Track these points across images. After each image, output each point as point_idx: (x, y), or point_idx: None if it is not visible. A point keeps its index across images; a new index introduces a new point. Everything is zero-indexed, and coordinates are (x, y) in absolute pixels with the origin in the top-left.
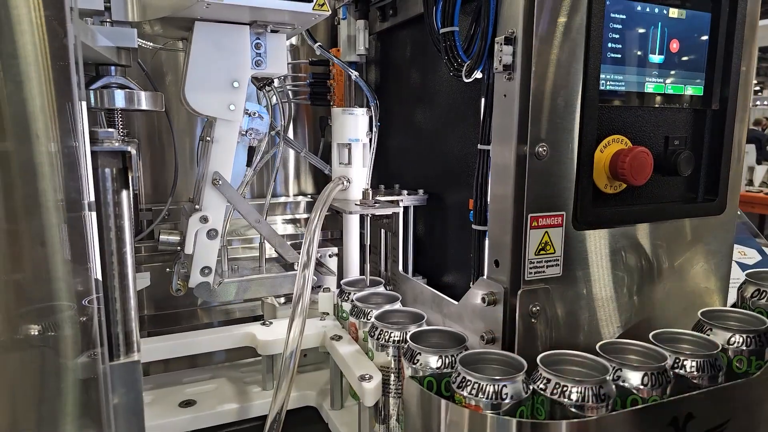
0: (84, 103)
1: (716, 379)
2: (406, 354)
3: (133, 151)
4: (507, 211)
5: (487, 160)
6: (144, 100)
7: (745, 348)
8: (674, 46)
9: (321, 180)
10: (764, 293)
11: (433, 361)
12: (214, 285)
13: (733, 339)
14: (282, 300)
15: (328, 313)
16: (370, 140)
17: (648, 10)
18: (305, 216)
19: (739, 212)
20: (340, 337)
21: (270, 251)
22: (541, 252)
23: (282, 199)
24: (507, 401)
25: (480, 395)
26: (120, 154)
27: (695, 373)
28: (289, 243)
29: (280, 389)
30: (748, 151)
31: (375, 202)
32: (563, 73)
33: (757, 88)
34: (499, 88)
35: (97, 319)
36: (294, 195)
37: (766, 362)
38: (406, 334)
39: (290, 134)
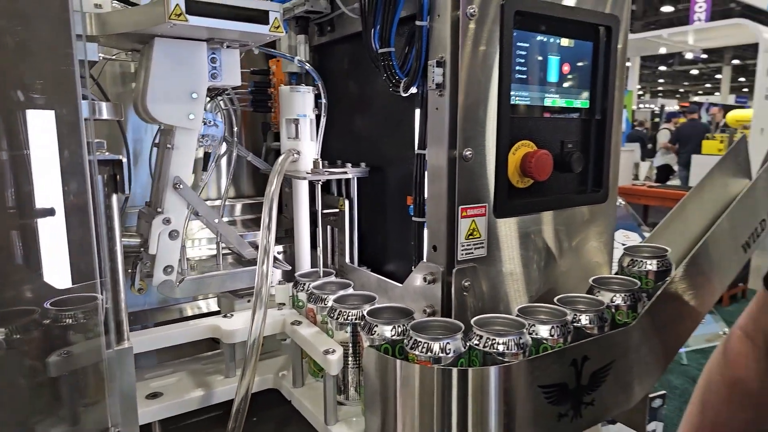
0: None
1: (603, 329)
2: (364, 328)
3: (124, 159)
4: (442, 204)
5: (423, 163)
6: (105, 110)
7: (623, 304)
8: (566, 68)
9: (259, 182)
10: (636, 262)
11: (388, 331)
12: (177, 282)
13: (614, 298)
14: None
15: (284, 304)
16: (317, 116)
17: (545, 40)
18: (242, 217)
19: (622, 203)
20: (300, 323)
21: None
22: (470, 237)
23: (218, 202)
24: (450, 355)
25: (428, 352)
26: (111, 162)
27: (588, 324)
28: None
29: (245, 374)
30: (633, 149)
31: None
32: (482, 90)
33: (641, 92)
34: (432, 103)
35: (101, 310)
36: (230, 198)
37: (638, 314)
38: (362, 312)
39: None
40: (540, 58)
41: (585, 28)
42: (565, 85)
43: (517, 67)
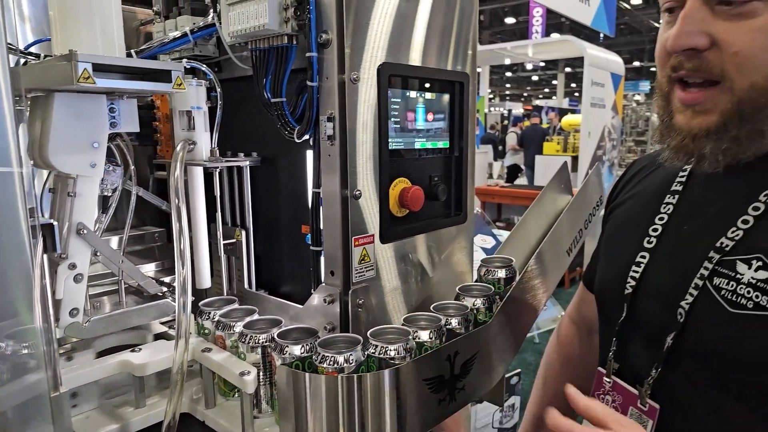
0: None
1: (469, 328)
2: (275, 349)
3: (56, 223)
4: (337, 235)
5: (319, 199)
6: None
7: (482, 306)
8: (430, 117)
9: (141, 212)
10: (490, 272)
11: (297, 350)
12: (84, 323)
13: (476, 302)
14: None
15: (191, 333)
16: (211, 108)
17: (413, 95)
18: (128, 249)
19: (478, 211)
20: (210, 349)
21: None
22: (362, 262)
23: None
24: (352, 365)
25: (335, 364)
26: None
27: (457, 326)
28: None
29: (171, 399)
30: (486, 151)
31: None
32: (366, 139)
33: (491, 96)
34: (325, 151)
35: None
36: (112, 230)
37: (493, 313)
38: (272, 335)
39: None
40: (410, 109)
41: (443, 84)
42: (430, 130)
43: (392, 118)
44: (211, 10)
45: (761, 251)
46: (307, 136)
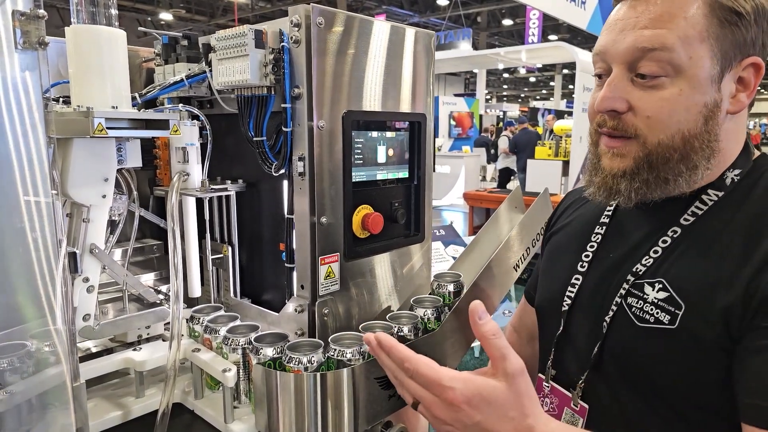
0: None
1: (418, 335)
2: (252, 350)
3: (78, 252)
4: (306, 255)
5: (292, 223)
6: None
7: (432, 316)
8: (390, 152)
9: (143, 226)
10: (440, 286)
11: (270, 352)
12: (95, 327)
13: (426, 312)
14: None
15: (183, 335)
16: (202, 144)
17: (375, 135)
18: (131, 260)
19: (450, 222)
20: (199, 349)
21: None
22: (327, 278)
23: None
24: (314, 365)
25: (299, 364)
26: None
27: (408, 333)
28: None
29: (165, 391)
30: (479, 154)
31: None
32: (332, 174)
33: (488, 97)
34: (296, 184)
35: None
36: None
37: (441, 322)
38: (250, 338)
39: None
40: (372, 147)
41: (403, 123)
42: (391, 163)
43: (356, 155)
44: (203, 60)
45: (663, 276)
46: (283, 170)
